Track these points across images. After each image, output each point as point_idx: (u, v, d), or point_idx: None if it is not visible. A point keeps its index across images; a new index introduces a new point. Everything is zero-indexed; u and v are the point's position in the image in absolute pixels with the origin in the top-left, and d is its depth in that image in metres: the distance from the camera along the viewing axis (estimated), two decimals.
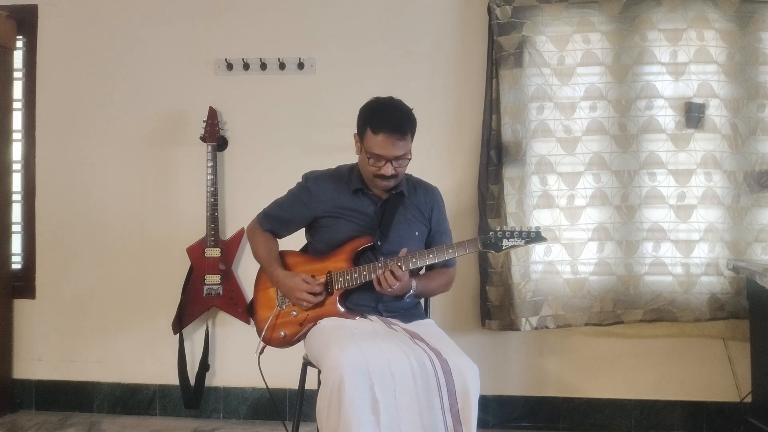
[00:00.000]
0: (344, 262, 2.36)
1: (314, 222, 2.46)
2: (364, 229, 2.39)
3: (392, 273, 2.23)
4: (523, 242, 2.28)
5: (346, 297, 2.37)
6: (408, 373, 2.02)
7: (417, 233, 2.45)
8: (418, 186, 2.52)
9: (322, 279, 2.36)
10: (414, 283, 2.34)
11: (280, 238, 2.54)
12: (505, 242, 2.27)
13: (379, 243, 2.36)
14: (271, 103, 3.36)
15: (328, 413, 1.99)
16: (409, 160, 2.35)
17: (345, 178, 2.45)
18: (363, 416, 1.96)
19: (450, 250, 2.29)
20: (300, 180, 2.50)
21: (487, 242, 2.28)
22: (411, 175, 2.54)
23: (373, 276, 2.27)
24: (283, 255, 2.48)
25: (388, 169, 2.29)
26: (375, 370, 1.99)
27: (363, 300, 2.37)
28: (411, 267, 2.28)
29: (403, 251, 2.28)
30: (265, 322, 2.43)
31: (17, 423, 3.28)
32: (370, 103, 2.36)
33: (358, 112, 2.37)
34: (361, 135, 2.34)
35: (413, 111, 2.37)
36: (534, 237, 2.27)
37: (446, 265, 2.50)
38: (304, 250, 2.57)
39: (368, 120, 2.31)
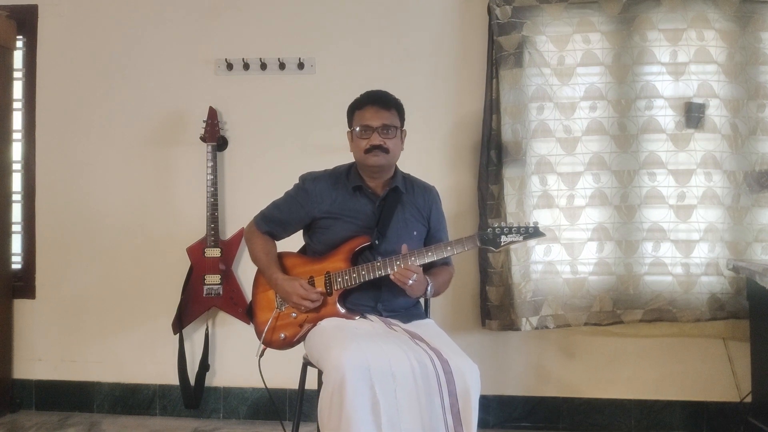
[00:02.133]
0: (342, 262, 2.36)
1: (312, 223, 2.46)
2: (362, 228, 2.39)
3: (405, 267, 2.24)
4: (521, 237, 2.28)
5: (345, 297, 2.37)
6: (409, 373, 2.02)
7: (415, 233, 2.45)
8: (416, 185, 2.53)
9: (321, 288, 2.36)
10: (429, 279, 2.35)
11: (278, 240, 2.54)
12: (503, 238, 2.28)
13: (377, 242, 2.36)
14: (271, 103, 3.36)
15: (329, 413, 1.99)
16: (396, 137, 2.37)
17: (343, 177, 2.46)
18: (363, 416, 1.96)
19: (449, 248, 2.30)
20: (297, 181, 2.51)
21: (486, 239, 2.29)
22: (409, 174, 2.55)
23: (376, 276, 2.27)
24: (281, 256, 2.48)
25: (375, 138, 2.34)
26: (376, 371, 1.99)
27: (362, 300, 2.37)
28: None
29: (404, 248, 2.29)
30: (264, 324, 2.43)
31: (17, 423, 3.28)
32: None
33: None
34: (350, 122, 2.43)
35: (411, 114, 2.44)
36: (532, 232, 2.27)
37: (446, 262, 2.51)
38: (303, 251, 2.57)
39: (354, 105, 2.42)
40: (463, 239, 2.31)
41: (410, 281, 2.24)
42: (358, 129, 2.37)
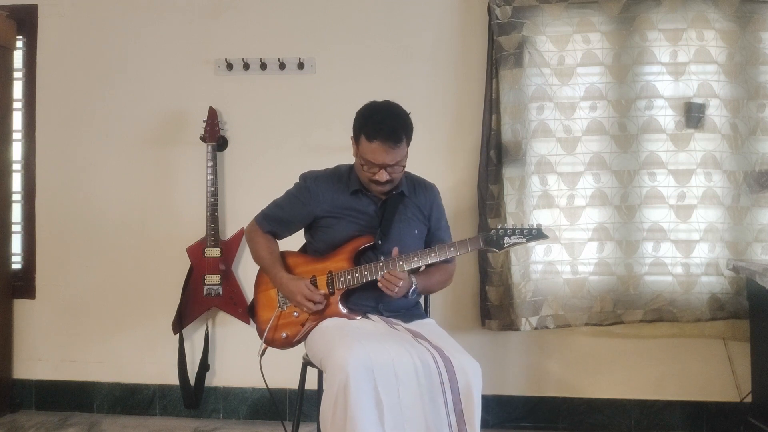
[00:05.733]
0: (345, 262, 2.36)
1: (314, 222, 2.46)
2: (365, 228, 2.39)
3: (391, 274, 2.24)
4: (524, 239, 2.28)
5: (347, 297, 2.37)
6: (411, 372, 2.02)
7: (416, 232, 2.45)
8: (417, 184, 2.52)
9: (324, 290, 2.36)
10: (414, 279, 2.34)
11: (279, 239, 2.54)
12: (506, 240, 2.28)
13: (379, 242, 2.36)
14: (271, 103, 3.36)
15: (333, 413, 1.98)
16: (404, 167, 2.35)
17: (344, 178, 2.45)
18: (368, 416, 1.96)
19: (452, 249, 2.30)
20: (298, 180, 2.50)
21: (489, 240, 2.29)
22: (409, 173, 2.53)
23: (378, 277, 2.27)
24: (283, 255, 2.48)
25: (382, 176, 2.29)
26: (379, 370, 1.99)
27: (364, 300, 2.38)
28: (413, 266, 2.28)
29: (395, 251, 2.29)
30: (266, 323, 2.43)
31: (17, 423, 3.28)
32: (366, 109, 2.34)
33: (354, 116, 2.36)
34: (356, 140, 2.34)
35: (411, 115, 2.35)
36: (536, 234, 2.28)
37: (445, 261, 2.50)
38: (303, 249, 2.56)
39: (363, 126, 2.29)
40: (466, 241, 2.31)
41: (396, 288, 2.24)
42: (363, 164, 2.30)
